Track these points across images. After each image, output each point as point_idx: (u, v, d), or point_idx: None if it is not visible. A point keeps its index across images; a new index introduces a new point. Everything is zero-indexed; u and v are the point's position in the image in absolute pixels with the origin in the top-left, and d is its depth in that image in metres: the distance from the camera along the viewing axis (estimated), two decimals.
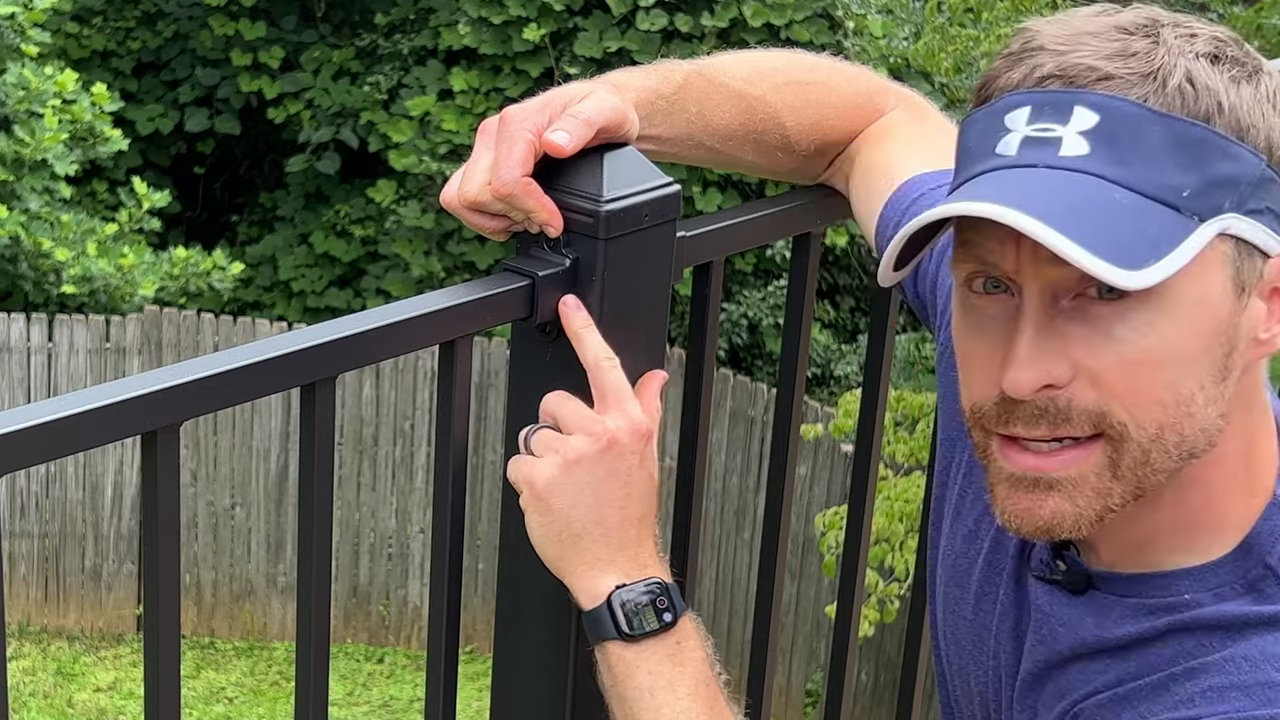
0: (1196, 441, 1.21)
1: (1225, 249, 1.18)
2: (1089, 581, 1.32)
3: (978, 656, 1.44)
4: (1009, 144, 1.19)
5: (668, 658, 1.39)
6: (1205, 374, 1.20)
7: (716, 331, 1.66)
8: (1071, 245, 1.12)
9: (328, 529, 1.37)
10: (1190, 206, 1.16)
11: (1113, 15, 1.23)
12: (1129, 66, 1.18)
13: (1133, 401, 1.19)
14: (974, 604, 1.44)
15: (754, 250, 11.65)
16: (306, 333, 1.31)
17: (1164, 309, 1.17)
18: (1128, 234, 1.14)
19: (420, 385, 10.28)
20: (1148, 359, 1.18)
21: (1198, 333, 1.18)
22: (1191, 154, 1.17)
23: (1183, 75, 1.18)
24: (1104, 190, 1.16)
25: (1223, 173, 1.17)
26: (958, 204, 1.17)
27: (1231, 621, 1.24)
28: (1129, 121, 1.17)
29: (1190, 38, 1.20)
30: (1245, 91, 1.19)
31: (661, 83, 1.51)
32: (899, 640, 8.30)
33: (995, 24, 8.40)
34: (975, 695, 1.45)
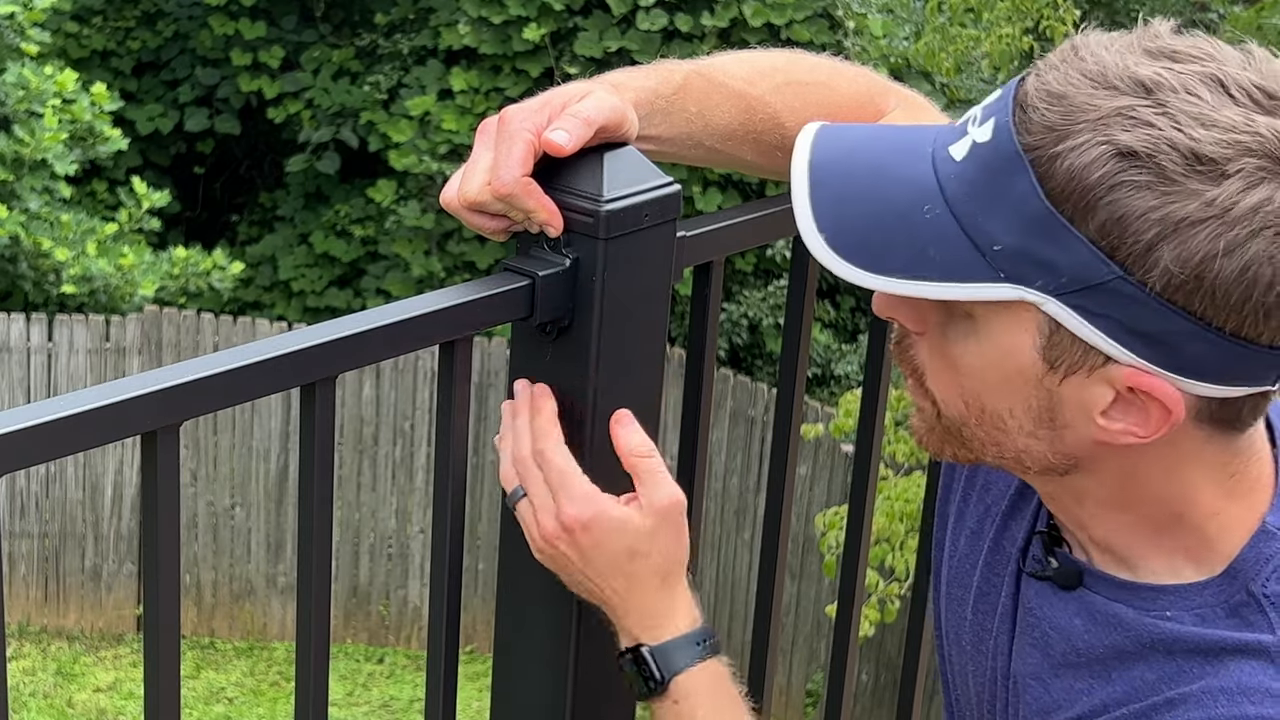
0: (1019, 458, 1.26)
1: (1036, 318, 1.18)
2: (1080, 578, 1.32)
3: (977, 657, 1.44)
4: (968, 114, 1.23)
5: (669, 716, 1.44)
6: (1016, 408, 1.23)
7: (716, 331, 1.66)
8: (808, 212, 1.20)
9: (328, 529, 1.37)
10: (996, 262, 1.16)
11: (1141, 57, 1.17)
12: (1048, 113, 1.15)
13: (938, 383, 1.27)
14: (974, 604, 1.44)
15: (754, 250, 11.65)
16: (306, 333, 1.31)
17: (978, 334, 1.21)
18: (895, 242, 1.19)
19: (420, 385, 10.28)
20: (957, 362, 1.24)
21: (998, 370, 1.22)
22: (1023, 221, 1.15)
23: (1071, 148, 1.13)
24: (923, 200, 1.19)
25: (1045, 256, 1.14)
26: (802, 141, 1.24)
27: (1211, 646, 1.24)
28: (1002, 159, 1.16)
29: (1137, 124, 1.13)
30: (1139, 202, 1.12)
31: (661, 83, 1.51)
32: (899, 640, 8.30)
33: (996, 24, 8.40)
34: (974, 696, 1.46)
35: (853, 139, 1.26)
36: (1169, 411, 1.18)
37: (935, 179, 1.19)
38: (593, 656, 1.52)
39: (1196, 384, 1.17)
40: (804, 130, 1.25)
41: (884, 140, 1.26)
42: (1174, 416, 1.18)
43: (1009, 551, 1.41)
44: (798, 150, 1.24)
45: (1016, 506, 1.42)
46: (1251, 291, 1.12)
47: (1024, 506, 1.42)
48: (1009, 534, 1.42)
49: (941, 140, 1.22)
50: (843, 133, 1.26)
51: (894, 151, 1.23)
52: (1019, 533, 1.41)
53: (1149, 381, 1.17)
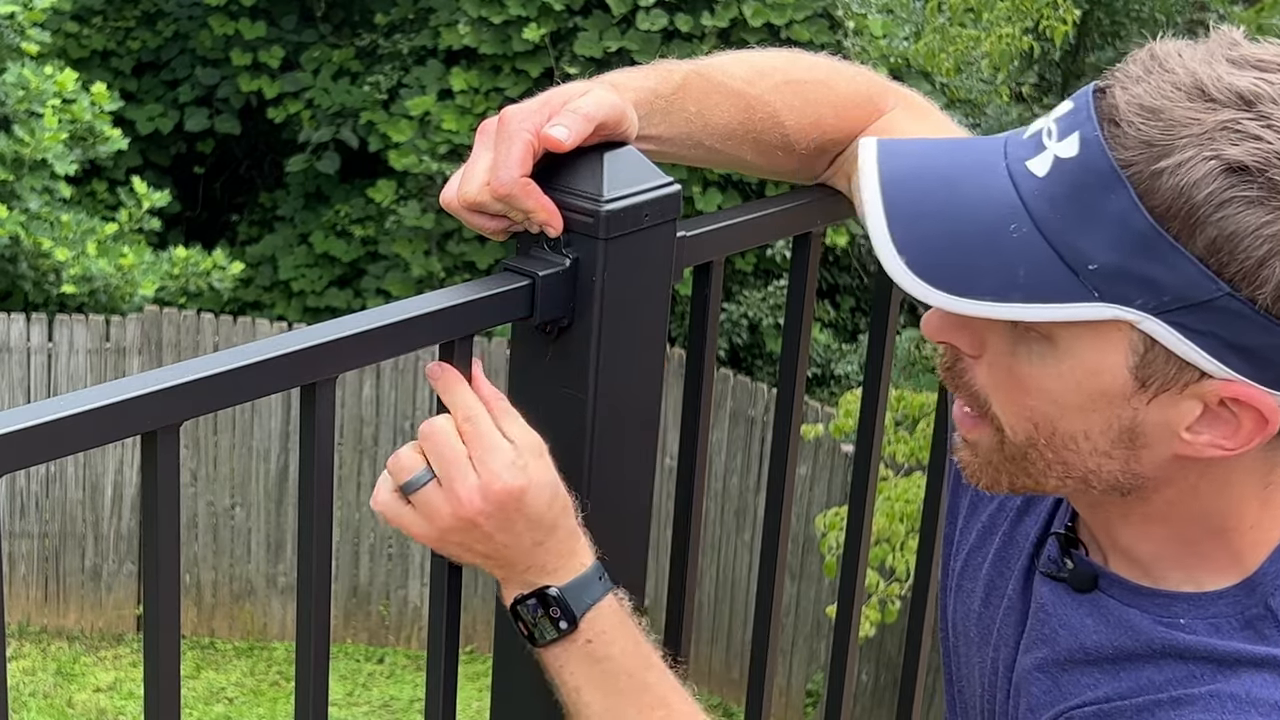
0: (1086, 478, 1.23)
1: (1129, 336, 1.15)
2: (1094, 582, 1.32)
3: (983, 649, 1.44)
4: (1036, 125, 1.19)
5: (584, 658, 1.40)
6: (1093, 429, 1.20)
7: (716, 331, 1.66)
8: (889, 244, 1.15)
9: (328, 529, 1.37)
10: (1091, 280, 1.13)
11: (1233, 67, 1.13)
12: (1143, 127, 1.12)
13: (1008, 405, 1.22)
14: (983, 597, 1.44)
15: (754, 250, 11.65)
16: (306, 333, 1.31)
17: (1055, 354, 1.18)
18: (982, 263, 1.14)
19: (420, 385, 10.28)
20: (1028, 384, 1.20)
21: (1081, 391, 1.18)
22: (1124, 239, 1.12)
23: (1175, 164, 1.10)
24: (1008, 218, 1.15)
25: (1148, 274, 1.12)
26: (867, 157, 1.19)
27: (1225, 656, 1.23)
28: (1094, 174, 1.13)
29: (1245, 137, 1.10)
30: (1250, 217, 1.09)
31: (660, 83, 1.51)
32: (899, 640, 8.30)
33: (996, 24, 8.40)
34: (978, 688, 1.46)
35: (919, 152, 1.21)
36: (1266, 421, 1.16)
37: (1017, 195, 1.15)
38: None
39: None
40: (863, 146, 1.20)
41: (952, 154, 1.21)
42: (1270, 427, 1.16)
43: (1021, 547, 1.41)
44: (864, 167, 1.19)
45: (1030, 503, 1.42)
46: None
47: (1038, 503, 1.41)
48: (1022, 529, 1.42)
49: (1016, 154, 1.18)
50: (907, 147, 1.22)
51: (966, 166, 1.19)
52: (1032, 529, 1.41)
53: (1247, 393, 1.15)
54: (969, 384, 1.24)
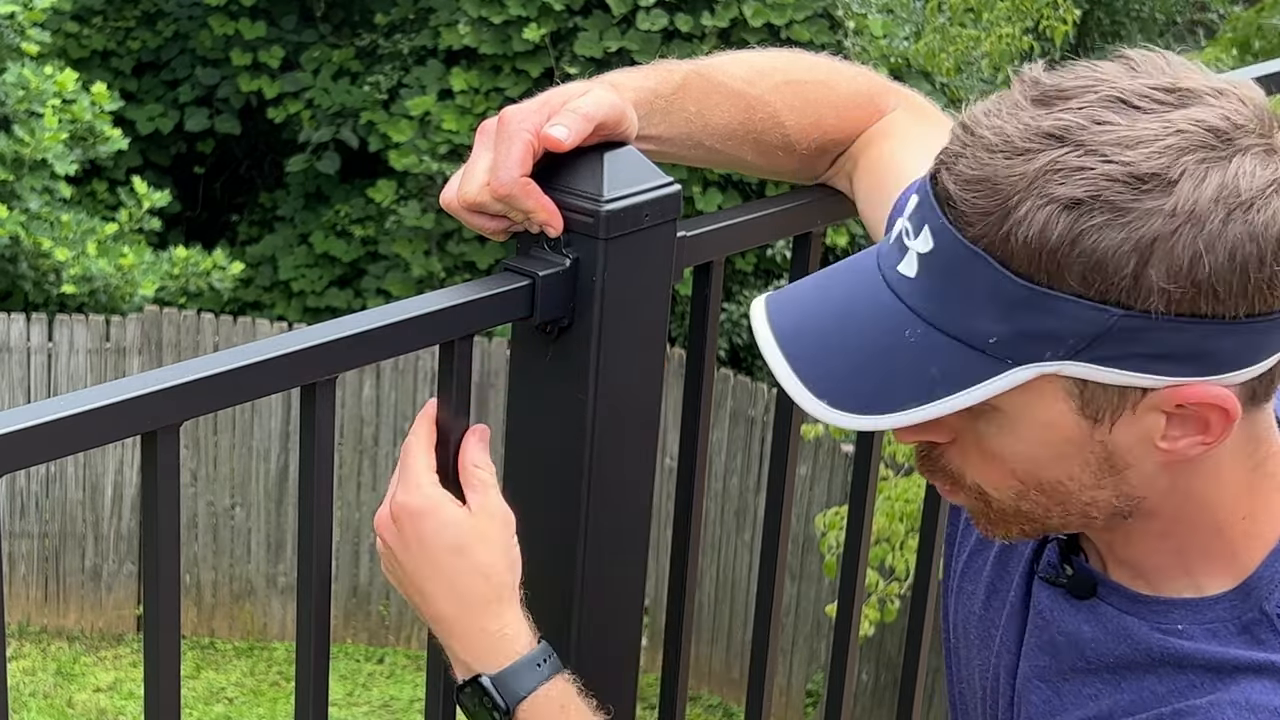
0: (1085, 511, 1.25)
1: (1060, 384, 1.17)
2: (1093, 589, 1.32)
3: (983, 652, 1.44)
4: (895, 228, 1.22)
5: None
6: (1075, 471, 1.22)
7: (716, 331, 1.66)
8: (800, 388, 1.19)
9: (328, 529, 1.37)
10: (999, 352, 1.15)
11: (1038, 108, 1.16)
12: (977, 200, 1.14)
13: (988, 475, 1.25)
14: (984, 599, 1.44)
15: (754, 250, 11.65)
16: (306, 333, 1.31)
17: (1005, 420, 1.20)
18: (891, 376, 1.18)
19: (420, 385, 10.28)
20: (1000, 453, 1.23)
21: (1046, 445, 1.21)
22: (1005, 305, 1.14)
23: (1017, 221, 1.13)
24: (900, 325, 1.18)
25: (1039, 327, 1.14)
26: (758, 320, 1.24)
27: (1223, 664, 1.24)
28: (954, 259, 1.16)
29: (1069, 173, 1.12)
30: (1106, 241, 1.12)
31: (660, 83, 1.51)
32: (899, 640, 8.30)
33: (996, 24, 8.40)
34: (979, 690, 1.46)
35: (804, 296, 1.25)
36: (1225, 410, 1.17)
37: (901, 302, 1.18)
38: (591, 656, 1.52)
39: (1237, 374, 1.17)
40: (753, 306, 1.25)
41: (834, 284, 1.25)
42: (1232, 412, 1.17)
43: (1022, 551, 1.41)
44: (758, 330, 1.23)
45: None
46: (1248, 273, 1.13)
47: None
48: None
49: (886, 263, 1.21)
50: (792, 295, 1.25)
51: (849, 293, 1.22)
52: None
53: (1195, 392, 1.16)
54: (945, 467, 1.27)
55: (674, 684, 1.76)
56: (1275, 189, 1.14)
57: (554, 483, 1.49)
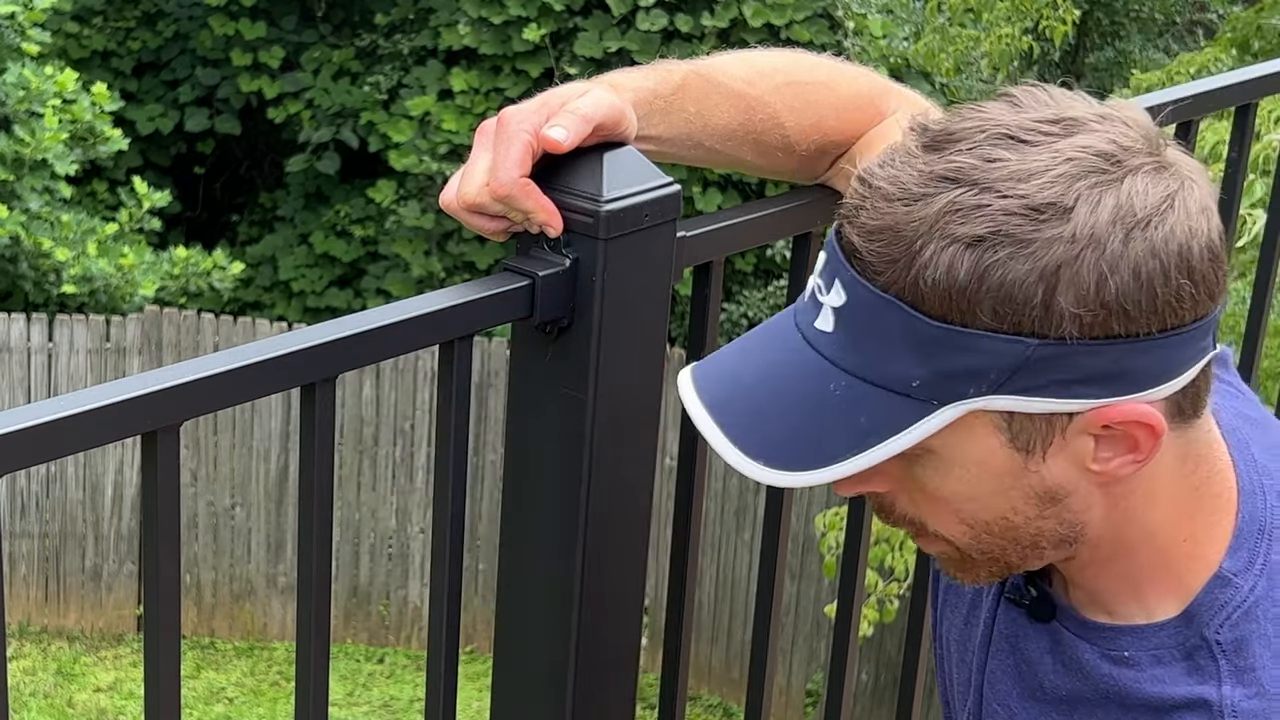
0: (1037, 542, 1.26)
1: (988, 420, 1.18)
2: (1053, 612, 1.34)
3: (961, 668, 1.46)
4: (810, 284, 1.24)
5: None
6: (1017, 504, 1.23)
7: (716, 331, 1.66)
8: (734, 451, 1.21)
9: (328, 529, 1.37)
10: (923, 394, 1.17)
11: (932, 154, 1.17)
12: (881, 249, 1.16)
13: (937, 520, 1.27)
14: (966, 614, 1.46)
15: (754, 250, 11.65)
16: (306, 333, 1.31)
17: (939, 462, 1.22)
18: (823, 430, 1.19)
19: (420, 385, 10.28)
20: (939, 496, 1.24)
21: (984, 481, 1.22)
22: (923, 348, 1.16)
23: (923, 264, 1.14)
24: (824, 380, 1.19)
25: (960, 366, 1.15)
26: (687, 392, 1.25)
27: (1161, 704, 1.26)
28: (867, 309, 1.17)
29: (967, 212, 1.14)
30: (1012, 273, 1.13)
31: (660, 83, 1.51)
32: (899, 640, 8.30)
33: (995, 24, 8.41)
34: (959, 700, 1.47)
35: (729, 365, 1.26)
36: (1150, 426, 1.18)
37: (823, 358, 1.20)
38: (591, 656, 1.52)
39: (1158, 389, 1.18)
40: (680, 380, 1.26)
41: (756, 348, 1.26)
42: (1158, 428, 1.18)
43: None
44: (688, 402, 1.24)
45: None
46: (1155, 289, 1.14)
47: None
48: None
49: (804, 320, 1.22)
50: (717, 363, 1.27)
51: (771, 355, 1.24)
52: None
53: (1119, 412, 1.17)
54: (902, 514, 1.28)
55: (674, 684, 1.76)
56: (1169, 204, 1.15)
57: (554, 482, 1.49)
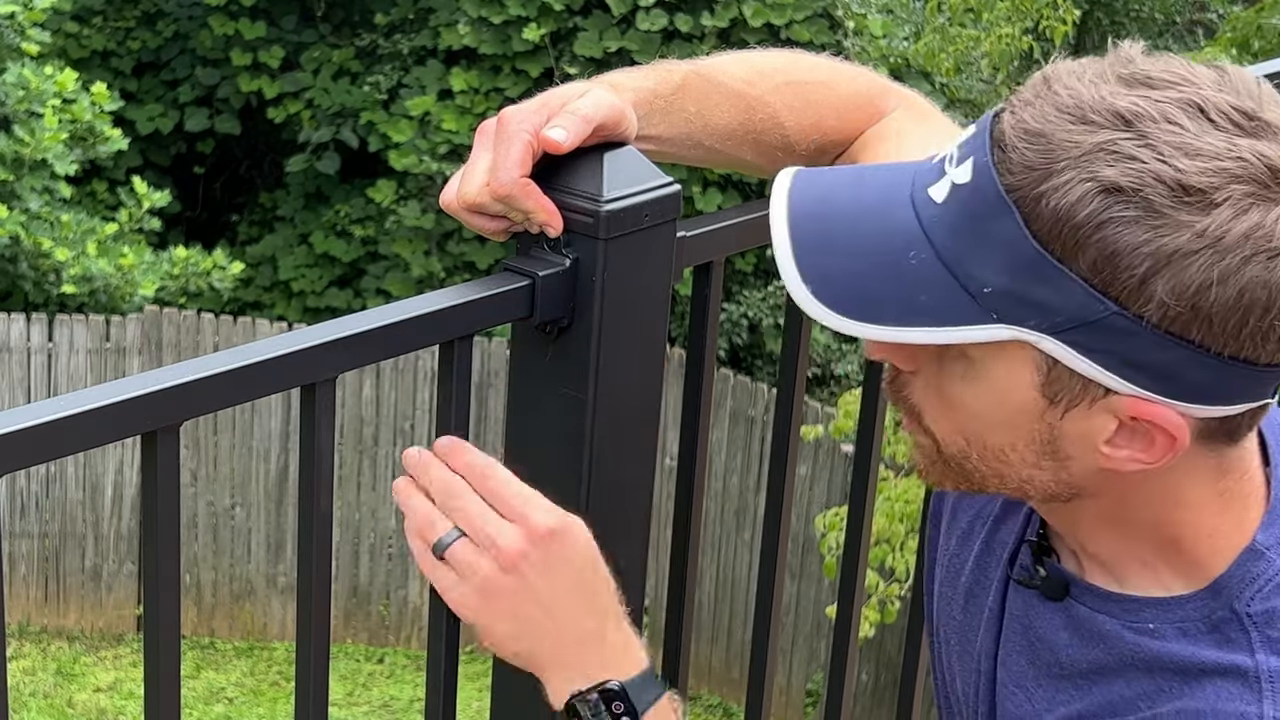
0: (1022, 487, 1.25)
1: (1031, 355, 1.17)
2: (1067, 589, 1.33)
3: (964, 657, 1.45)
4: (945, 151, 1.22)
5: None
6: (1018, 444, 1.22)
7: (716, 331, 1.66)
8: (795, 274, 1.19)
9: (328, 529, 1.37)
10: (988, 304, 1.15)
11: (1119, 86, 1.15)
12: (1028, 152, 1.14)
13: (939, 421, 1.26)
14: (963, 604, 1.45)
15: (754, 250, 11.65)
16: (306, 333, 1.31)
17: (975, 374, 1.21)
18: (883, 290, 1.18)
19: (420, 385, 10.28)
20: (953, 401, 1.23)
21: (998, 408, 1.21)
22: (1015, 264, 1.14)
23: (1055, 187, 1.12)
24: (907, 245, 1.18)
25: (1037, 296, 1.14)
26: (779, 191, 1.23)
27: (1189, 667, 1.24)
28: (984, 201, 1.15)
29: (1121, 158, 1.12)
30: (1129, 237, 1.11)
31: (659, 83, 1.51)
32: (899, 640, 8.30)
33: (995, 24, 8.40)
34: (961, 695, 1.46)
35: (829, 184, 1.24)
36: (1173, 438, 1.17)
37: (919, 223, 1.18)
38: None
39: (1199, 408, 1.17)
40: (780, 176, 1.23)
41: (862, 184, 1.24)
42: (1179, 442, 1.17)
43: (998, 555, 1.41)
44: (775, 198, 1.22)
45: (1008, 510, 1.43)
46: (1248, 317, 1.12)
47: (1015, 511, 1.42)
48: (999, 538, 1.42)
49: (920, 180, 1.20)
50: (819, 177, 1.24)
51: (873, 196, 1.22)
52: (1009, 537, 1.41)
53: (1152, 410, 1.16)
54: (906, 397, 1.27)
55: (674, 684, 1.76)
56: None
57: (554, 483, 1.49)
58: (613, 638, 1.35)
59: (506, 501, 1.32)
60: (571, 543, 1.32)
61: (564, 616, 1.32)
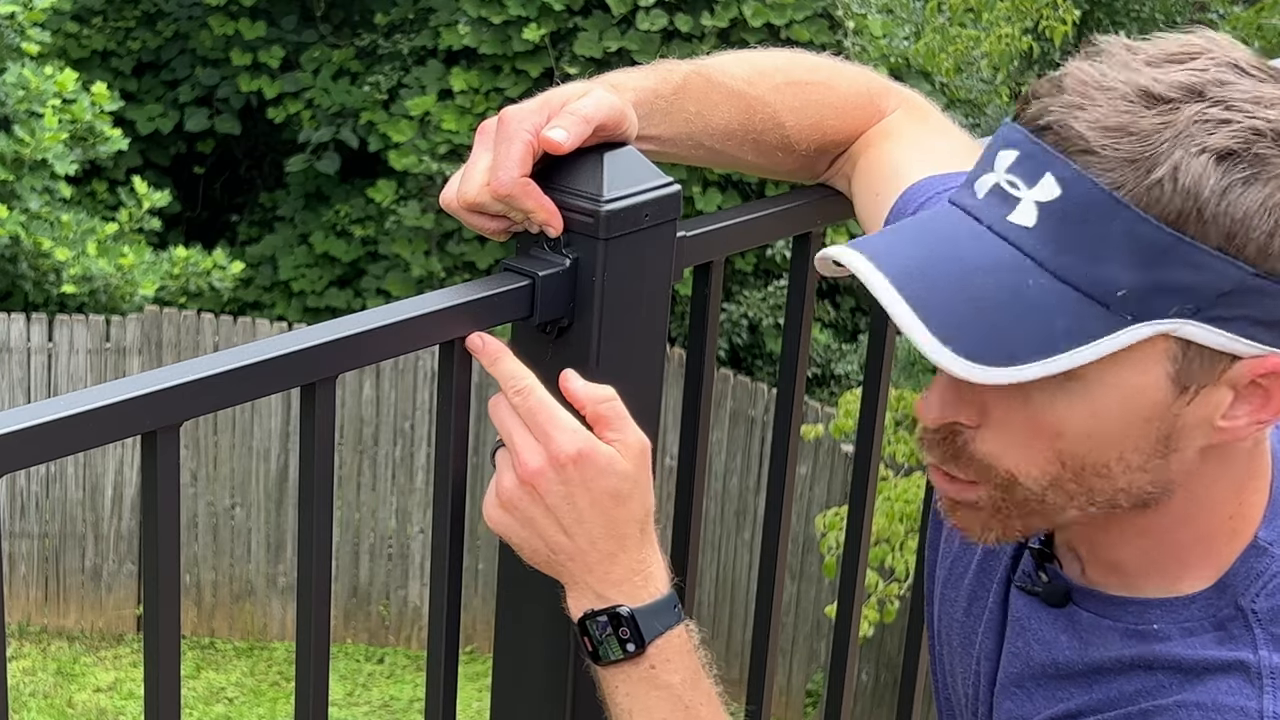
0: (1114, 497, 1.22)
1: (1166, 347, 1.15)
2: (1068, 596, 1.32)
3: (965, 659, 1.45)
4: (984, 185, 1.19)
5: (642, 682, 1.38)
6: (1129, 450, 1.20)
7: (716, 331, 1.66)
8: (923, 331, 1.14)
9: (328, 529, 1.37)
10: (1123, 307, 1.13)
11: (1156, 69, 1.16)
12: (1118, 146, 1.13)
13: (1027, 457, 1.21)
14: (965, 606, 1.44)
15: (754, 250, 11.65)
16: (306, 333, 1.31)
17: (1085, 390, 1.17)
18: (1013, 327, 1.14)
19: (420, 385, 10.28)
20: (1054, 428, 1.19)
21: (1120, 418, 1.18)
22: (1145, 255, 1.13)
23: (1168, 170, 1.12)
24: (1019, 274, 1.15)
25: (1177, 280, 1.13)
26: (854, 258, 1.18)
27: (1192, 665, 1.24)
28: (1089, 207, 1.13)
29: (1215, 125, 1.13)
30: (1251, 195, 1.12)
31: (660, 83, 1.51)
32: (899, 640, 8.30)
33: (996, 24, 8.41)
34: (962, 697, 1.46)
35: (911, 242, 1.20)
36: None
37: (1018, 251, 1.15)
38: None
39: None
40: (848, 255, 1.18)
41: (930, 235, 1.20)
42: None
43: (1000, 559, 1.41)
44: (867, 276, 1.17)
45: None
46: None
47: None
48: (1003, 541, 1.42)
49: (989, 215, 1.17)
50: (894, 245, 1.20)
51: (956, 241, 1.18)
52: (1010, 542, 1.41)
53: (1274, 363, 1.16)
54: (971, 455, 1.23)
55: None
56: None
57: None
58: (630, 563, 1.37)
59: (535, 422, 1.35)
60: (592, 469, 1.34)
61: (581, 538, 1.35)
